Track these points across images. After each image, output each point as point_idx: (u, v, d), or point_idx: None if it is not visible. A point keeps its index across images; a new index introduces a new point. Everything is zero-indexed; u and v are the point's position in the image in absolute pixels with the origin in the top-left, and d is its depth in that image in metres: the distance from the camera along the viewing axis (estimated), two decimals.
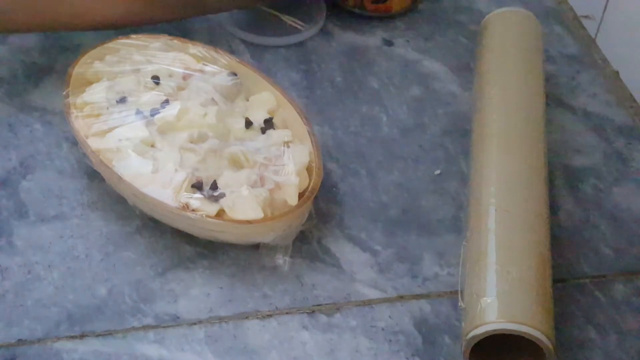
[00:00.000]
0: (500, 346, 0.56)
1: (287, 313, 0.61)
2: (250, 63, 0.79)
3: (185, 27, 0.85)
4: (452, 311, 0.62)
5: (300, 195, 0.64)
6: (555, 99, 0.80)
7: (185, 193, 0.62)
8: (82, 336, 0.59)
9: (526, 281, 0.56)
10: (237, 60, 0.75)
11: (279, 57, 0.83)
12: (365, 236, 0.67)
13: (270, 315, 0.61)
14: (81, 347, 0.58)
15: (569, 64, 0.85)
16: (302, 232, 0.65)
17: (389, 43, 0.86)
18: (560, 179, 0.73)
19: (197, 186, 0.63)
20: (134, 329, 0.59)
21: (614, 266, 0.66)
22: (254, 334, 0.60)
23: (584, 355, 0.60)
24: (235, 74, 0.72)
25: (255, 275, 0.63)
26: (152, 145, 0.66)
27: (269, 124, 0.69)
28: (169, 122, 0.67)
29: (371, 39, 0.86)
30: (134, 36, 0.76)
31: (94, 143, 0.66)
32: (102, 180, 0.67)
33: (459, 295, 0.59)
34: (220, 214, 0.62)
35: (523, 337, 0.54)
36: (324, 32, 0.86)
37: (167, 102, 0.68)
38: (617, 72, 0.84)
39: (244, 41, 0.84)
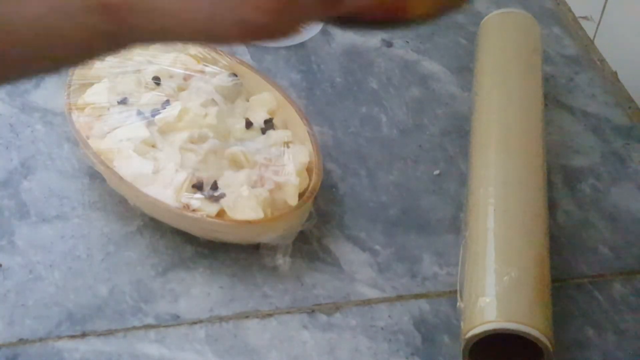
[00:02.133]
0: (499, 346, 0.56)
1: (287, 312, 0.61)
2: (251, 64, 0.79)
3: None
4: (451, 311, 0.62)
5: (300, 195, 0.64)
6: (554, 100, 0.81)
7: (185, 193, 0.62)
8: (83, 335, 0.59)
9: (525, 281, 0.57)
10: (238, 61, 0.75)
11: (279, 58, 0.83)
12: (365, 236, 0.67)
13: (270, 315, 0.61)
14: (82, 347, 0.58)
15: (567, 65, 0.85)
16: (302, 232, 0.65)
17: (388, 44, 0.86)
18: (559, 179, 0.73)
19: (198, 186, 0.63)
20: (135, 328, 0.60)
21: (612, 266, 0.66)
22: (254, 333, 0.60)
23: (582, 354, 0.60)
24: (235, 75, 0.73)
25: (255, 275, 0.64)
26: (153, 146, 0.66)
27: (269, 124, 0.70)
28: (169, 122, 0.67)
29: (371, 39, 0.86)
30: None
31: (94, 143, 0.66)
32: (103, 180, 0.67)
33: (458, 295, 0.59)
34: (220, 214, 0.62)
35: (522, 337, 0.54)
36: (324, 33, 0.87)
37: (167, 102, 0.68)
38: (616, 73, 0.84)
39: None
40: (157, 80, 0.71)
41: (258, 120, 0.70)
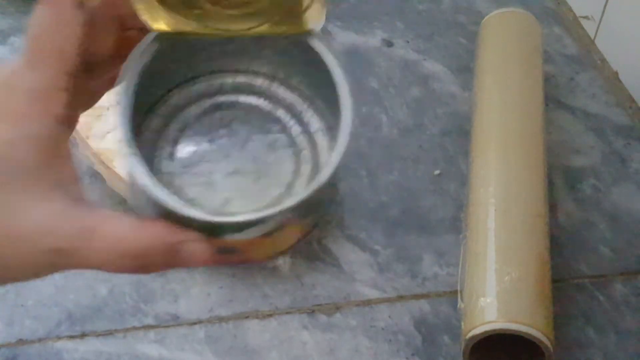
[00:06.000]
0: (499, 346, 0.56)
1: (287, 313, 0.61)
2: None
3: None
4: (451, 311, 0.62)
5: None
6: (554, 100, 0.81)
7: None
8: (82, 336, 0.59)
9: (525, 281, 0.57)
10: None
11: None
12: (365, 236, 0.67)
13: (270, 315, 0.61)
14: (82, 347, 0.58)
15: (568, 65, 0.85)
16: None
17: (388, 43, 0.86)
18: (560, 179, 0.73)
19: None
20: (135, 328, 0.60)
21: (613, 266, 0.66)
22: (254, 333, 0.60)
23: (583, 354, 0.60)
24: None
25: (255, 275, 0.64)
26: None
27: None
28: None
29: (371, 39, 0.86)
30: None
31: (94, 143, 0.66)
32: (103, 180, 0.67)
33: (459, 295, 0.59)
34: None
35: (522, 337, 0.54)
36: (324, 32, 0.86)
37: None
38: (617, 73, 0.84)
39: None
40: None
41: None
